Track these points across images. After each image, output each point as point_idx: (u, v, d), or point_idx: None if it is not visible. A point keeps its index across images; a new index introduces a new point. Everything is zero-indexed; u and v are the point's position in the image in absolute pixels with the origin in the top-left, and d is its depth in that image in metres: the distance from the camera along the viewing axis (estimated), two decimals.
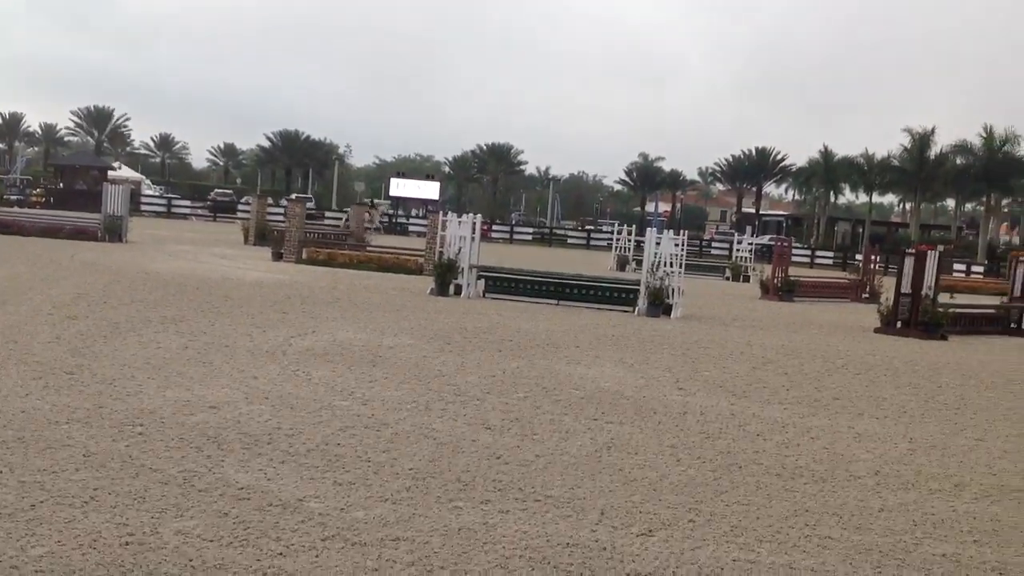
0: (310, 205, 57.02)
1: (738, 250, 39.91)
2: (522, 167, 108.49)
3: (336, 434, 7.30)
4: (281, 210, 45.98)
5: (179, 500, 5.50)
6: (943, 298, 20.47)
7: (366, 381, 9.55)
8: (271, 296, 16.69)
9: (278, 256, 26.84)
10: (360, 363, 10.55)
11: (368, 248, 29.88)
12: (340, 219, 52.22)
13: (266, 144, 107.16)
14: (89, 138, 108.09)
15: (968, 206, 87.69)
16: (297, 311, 14.83)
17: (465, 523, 5.50)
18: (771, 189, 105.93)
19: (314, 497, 5.76)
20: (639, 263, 25.97)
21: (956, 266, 48.09)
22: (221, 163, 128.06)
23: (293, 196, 62.90)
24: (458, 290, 19.52)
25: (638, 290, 18.89)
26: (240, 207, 60.79)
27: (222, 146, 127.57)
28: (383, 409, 8.32)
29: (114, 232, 28.87)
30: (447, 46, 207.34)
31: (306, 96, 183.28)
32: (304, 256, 26.69)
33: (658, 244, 19.14)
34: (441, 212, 25.42)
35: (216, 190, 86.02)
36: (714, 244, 62.98)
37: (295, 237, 27.10)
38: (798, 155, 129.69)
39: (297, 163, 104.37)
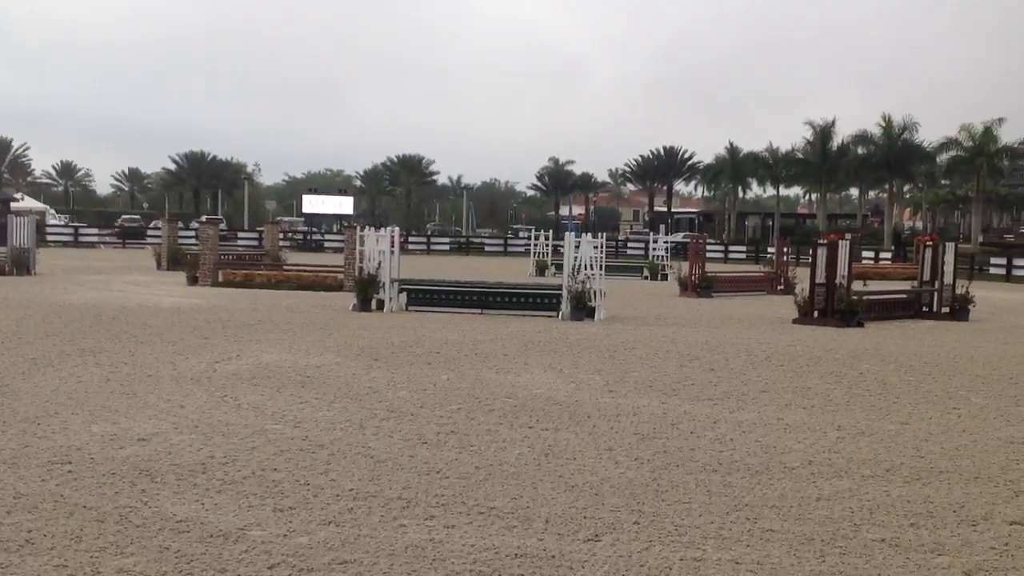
0: (222, 226, 56.14)
1: (654, 249, 40.36)
2: (434, 177, 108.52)
3: (271, 459, 7.19)
4: (193, 233, 45.20)
5: (117, 537, 5.36)
6: (856, 286, 20.96)
7: (297, 403, 9.43)
8: (190, 321, 16.38)
9: (193, 280, 26.35)
10: (289, 385, 10.41)
11: (285, 267, 29.53)
12: (254, 239, 51.52)
13: (172, 167, 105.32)
14: None
15: (872, 194, 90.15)
16: (219, 335, 14.58)
17: (411, 541, 5.46)
18: (681, 187, 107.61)
19: (255, 525, 5.66)
20: (558, 268, 26.12)
21: (865, 253, 49.31)
22: (126, 188, 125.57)
23: (204, 218, 61.91)
24: (380, 305, 19.40)
25: (561, 295, 18.99)
26: (150, 232, 59.56)
27: (127, 171, 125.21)
28: (317, 430, 8.23)
29: (22, 265, 28.04)
30: (351, 60, 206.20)
31: (211, 117, 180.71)
32: (220, 279, 26.26)
33: (577, 248, 19.26)
34: (359, 227, 25.23)
35: (124, 216, 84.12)
36: (630, 244, 63.58)
37: (210, 260, 26.66)
38: (705, 152, 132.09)
39: (205, 184, 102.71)
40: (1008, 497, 6.72)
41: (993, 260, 46.02)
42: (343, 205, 76.07)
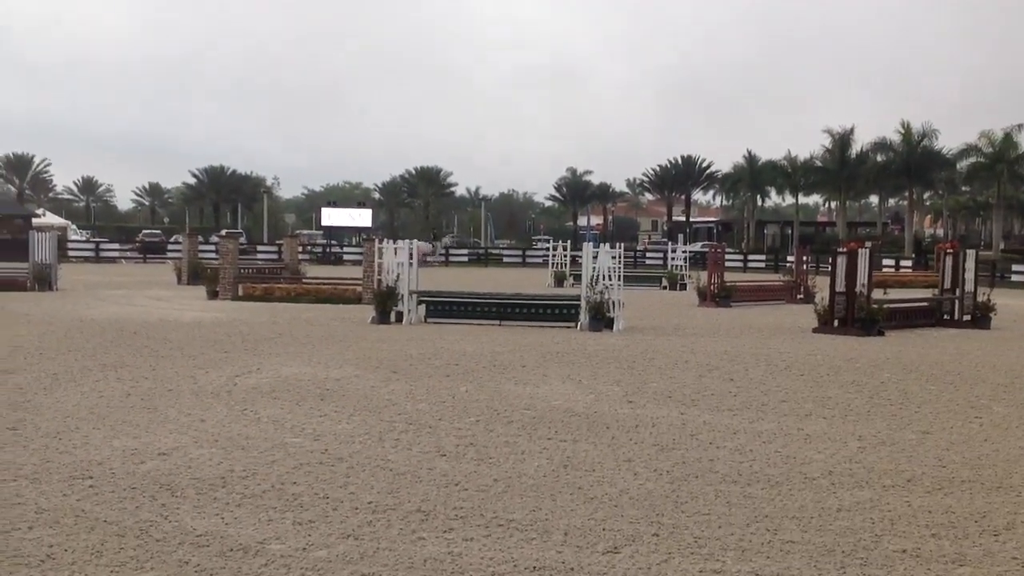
0: (242, 240, 56.44)
1: (672, 259, 40.31)
2: (452, 189, 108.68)
3: (291, 472, 7.21)
4: (213, 247, 45.42)
5: (137, 552, 5.39)
6: (877, 294, 20.87)
7: (316, 416, 9.46)
8: (211, 335, 16.46)
9: (214, 294, 26.48)
10: (308, 398, 10.45)
11: (305, 280, 29.63)
12: (274, 253, 51.78)
13: (192, 181, 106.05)
14: (10, 186, 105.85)
15: (891, 201, 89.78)
16: (239, 349, 14.64)
17: (430, 554, 5.47)
18: (699, 196, 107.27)
19: (275, 539, 5.68)
20: (577, 278, 26.12)
21: (885, 261, 49.07)
22: (147, 203, 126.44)
23: (224, 232, 62.24)
24: (399, 317, 19.44)
25: (579, 305, 18.98)
26: (171, 246, 59.89)
27: (147, 186, 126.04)
28: (336, 443, 8.25)
29: (44, 280, 28.24)
30: (370, 75, 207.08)
31: (231, 132, 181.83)
32: (240, 292, 26.38)
33: (595, 258, 19.26)
34: (377, 239, 25.31)
35: (144, 231, 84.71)
36: (648, 254, 63.53)
37: (230, 274, 26.78)
38: (723, 161, 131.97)
39: (225, 199, 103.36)
40: None
41: (1015, 267, 45.72)
42: (361, 217, 76.20)
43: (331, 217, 76.16)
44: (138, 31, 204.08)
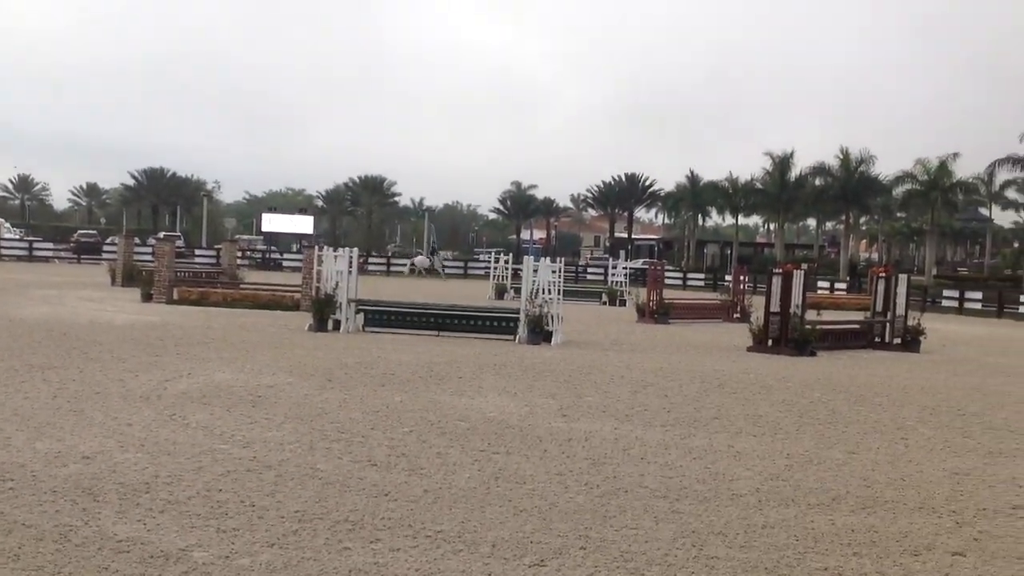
0: (179, 243, 55.67)
1: (613, 275, 40.58)
2: (396, 198, 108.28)
3: (217, 479, 7.11)
4: (149, 249, 44.75)
5: (56, 557, 5.27)
6: (810, 315, 21.18)
7: (246, 423, 9.34)
8: (143, 339, 16.19)
9: (148, 297, 26.05)
10: (239, 404, 10.32)
11: (242, 286, 29.31)
12: (212, 257, 51.17)
13: (131, 183, 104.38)
14: None
15: (829, 225, 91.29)
16: (171, 353, 14.42)
17: (355, 564, 5.42)
18: (642, 214, 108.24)
19: (197, 546, 5.59)
20: (517, 291, 26.15)
21: (820, 283, 49.82)
22: (84, 203, 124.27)
23: (162, 235, 61.39)
24: (337, 325, 19.30)
25: (518, 318, 19.01)
26: (106, 247, 58.83)
27: (85, 186, 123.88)
28: (265, 451, 8.15)
29: None
30: (314, 80, 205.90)
31: (172, 134, 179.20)
32: (176, 296, 26.00)
33: (536, 272, 19.31)
34: (317, 246, 25.12)
35: (80, 231, 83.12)
36: (590, 269, 63.82)
37: (165, 277, 26.38)
38: (666, 180, 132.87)
39: (164, 201, 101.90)
40: (951, 528, 6.80)
41: (946, 292, 46.71)
42: (303, 224, 75.73)
43: (272, 223, 75.57)
44: (83, 31, 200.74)
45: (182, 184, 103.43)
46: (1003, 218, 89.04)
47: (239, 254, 45.67)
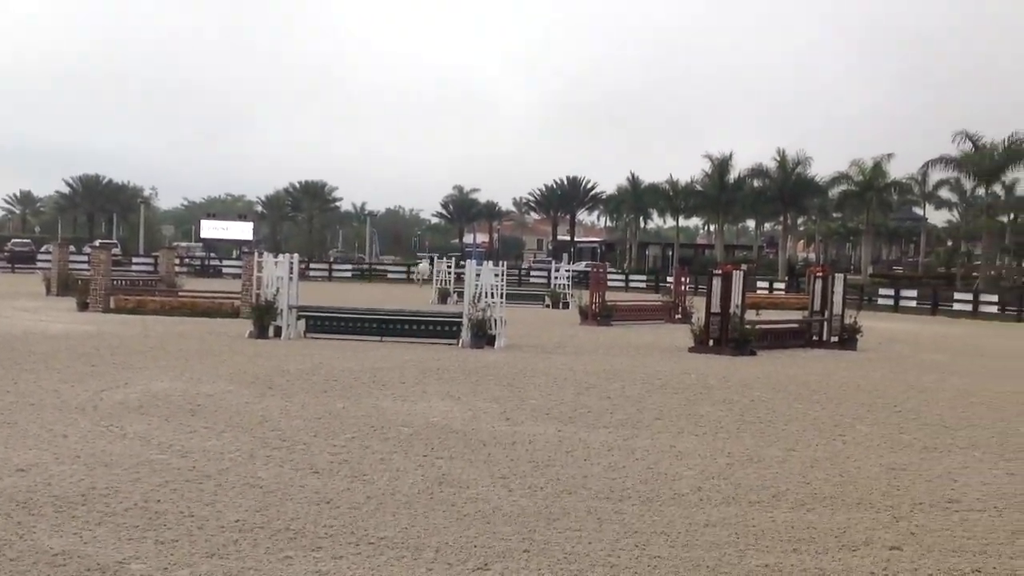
0: (116, 251, 54.76)
1: (556, 278, 40.65)
2: (337, 203, 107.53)
3: (155, 490, 7.00)
4: (85, 258, 43.96)
5: None
6: (750, 315, 21.42)
7: (185, 432, 9.21)
8: (78, 348, 15.90)
9: (84, 306, 25.60)
10: (178, 414, 10.17)
11: (180, 293, 28.90)
12: (150, 265, 50.41)
13: (66, 190, 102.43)
14: None
15: (767, 226, 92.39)
16: (107, 363, 14.18)
17: (297, 573, 5.37)
18: (584, 216, 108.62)
19: (135, 558, 5.50)
20: (460, 295, 26.11)
21: (760, 284, 50.42)
22: (17, 211, 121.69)
23: (97, 243, 60.33)
24: (278, 332, 19.11)
25: (461, 322, 18.98)
26: (41, 256, 57.61)
27: (18, 194, 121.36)
28: (204, 460, 8.04)
29: None
30: (253, 85, 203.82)
31: (108, 140, 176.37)
32: (112, 305, 25.56)
33: (478, 275, 19.30)
34: (256, 252, 24.86)
35: (13, 240, 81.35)
36: (533, 273, 63.92)
37: (101, 285, 25.93)
38: (608, 183, 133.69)
39: (100, 208, 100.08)
40: (889, 523, 6.91)
41: (882, 291, 47.51)
42: (243, 231, 75.00)
43: (211, 229, 74.74)
44: (15, 33, 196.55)
45: (118, 191, 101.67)
46: (936, 217, 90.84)
47: (177, 261, 45.06)
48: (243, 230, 75.17)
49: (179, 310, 24.91)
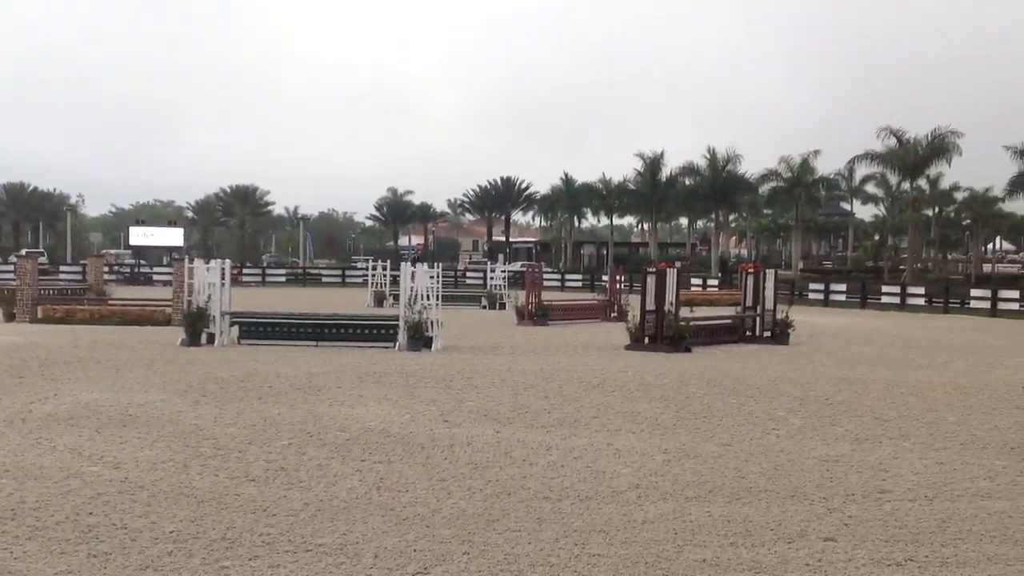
0: (43, 260, 53.61)
1: (492, 279, 40.66)
2: (270, 208, 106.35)
3: (87, 503, 6.86)
4: (11, 268, 42.96)
5: None
6: (684, 312, 21.64)
7: (116, 443, 9.05)
8: (4, 360, 15.52)
9: (10, 316, 25.02)
10: (109, 424, 9.98)
11: (110, 301, 28.37)
12: (78, 273, 49.40)
13: None
14: None
15: (700, 223, 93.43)
16: (35, 374, 13.87)
17: None
18: (519, 217, 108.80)
19: (67, 572, 5.40)
20: (397, 298, 26.00)
21: (693, 280, 50.94)
22: None
23: (23, 252, 58.99)
24: (211, 339, 18.85)
25: (397, 325, 18.89)
26: None
27: None
28: (137, 471, 7.91)
29: None
30: (180, 88, 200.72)
31: (31, 146, 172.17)
32: (39, 315, 25.01)
33: (414, 278, 19.23)
34: (187, 259, 24.49)
35: None
36: (469, 274, 63.86)
37: (28, 295, 25.36)
38: (542, 183, 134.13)
39: (25, 217, 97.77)
40: (823, 514, 7.02)
41: (812, 286, 48.26)
42: (173, 237, 73.76)
43: (140, 236, 73.43)
44: None
45: (44, 199, 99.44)
46: (864, 212, 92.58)
47: (106, 269, 44.21)
48: (173, 236, 73.91)
49: (109, 319, 24.44)
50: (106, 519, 6.45)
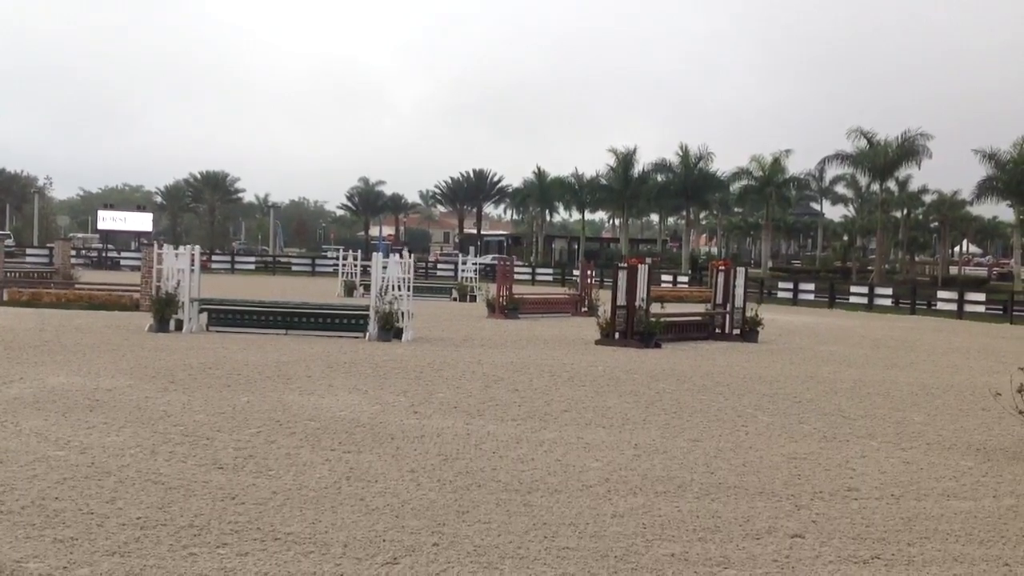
0: (8, 242, 52.99)
1: (463, 271, 40.64)
2: (240, 195, 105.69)
3: (53, 487, 6.79)
4: None
5: None
6: (655, 308, 21.71)
7: (83, 428, 8.96)
8: None
9: None
10: (75, 409, 9.88)
11: (77, 285, 28.10)
12: (45, 256, 48.90)
13: None
14: None
15: (671, 220, 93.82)
16: (0, 357, 13.70)
17: (201, 570, 5.26)
18: (491, 210, 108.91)
19: (33, 557, 5.33)
20: (367, 288, 25.90)
21: (664, 277, 51.16)
22: None
23: None
24: (179, 325, 18.70)
25: (368, 315, 18.83)
26: None
27: None
28: (104, 456, 7.83)
29: None
30: (152, 72, 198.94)
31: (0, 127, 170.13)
32: (5, 297, 24.74)
33: (385, 268, 19.17)
34: (156, 244, 24.29)
35: None
36: (440, 266, 63.78)
37: None
38: (515, 176, 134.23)
39: None
40: (790, 511, 7.07)
41: (781, 284, 48.60)
42: (141, 222, 73.16)
43: (109, 221, 72.76)
44: None
45: (10, 180, 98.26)
46: (833, 212, 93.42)
47: (73, 253, 43.81)
48: (142, 221, 73.33)
49: (76, 303, 24.21)
50: (72, 504, 6.39)
